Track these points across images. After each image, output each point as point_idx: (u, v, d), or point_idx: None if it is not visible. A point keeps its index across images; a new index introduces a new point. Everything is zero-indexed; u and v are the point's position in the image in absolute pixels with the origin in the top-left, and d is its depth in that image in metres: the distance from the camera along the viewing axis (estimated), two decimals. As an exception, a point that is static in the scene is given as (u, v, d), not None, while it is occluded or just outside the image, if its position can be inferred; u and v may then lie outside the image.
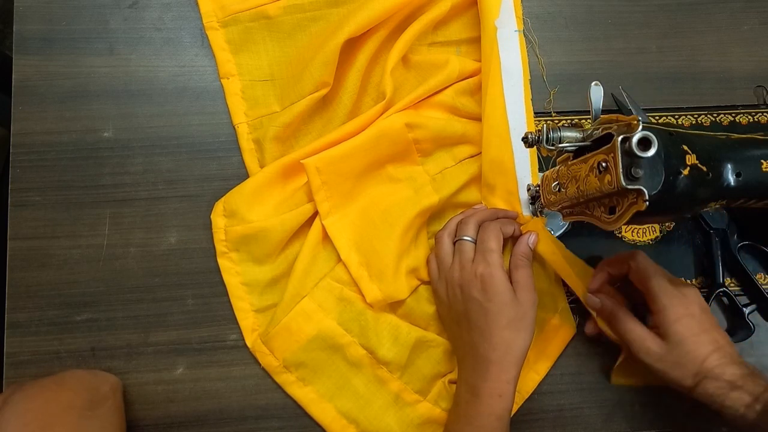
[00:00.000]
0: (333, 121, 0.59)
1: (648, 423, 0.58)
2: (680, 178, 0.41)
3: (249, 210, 0.56)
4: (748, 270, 0.59)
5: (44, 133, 0.59)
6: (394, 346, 0.56)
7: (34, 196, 0.58)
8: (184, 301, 0.58)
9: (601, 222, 0.45)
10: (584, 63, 0.63)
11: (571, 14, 0.64)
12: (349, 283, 0.57)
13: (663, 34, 0.65)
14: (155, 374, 0.56)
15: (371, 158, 0.57)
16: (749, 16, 0.66)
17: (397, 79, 0.60)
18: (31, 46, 0.60)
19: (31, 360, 0.56)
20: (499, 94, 0.58)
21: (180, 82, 0.61)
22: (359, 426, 0.56)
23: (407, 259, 0.57)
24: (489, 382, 0.49)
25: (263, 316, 0.57)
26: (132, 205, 0.58)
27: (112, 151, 0.59)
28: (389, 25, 0.58)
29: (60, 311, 0.57)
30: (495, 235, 0.53)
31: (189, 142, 0.60)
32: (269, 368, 0.56)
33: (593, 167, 0.43)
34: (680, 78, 0.64)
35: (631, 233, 0.61)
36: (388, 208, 0.57)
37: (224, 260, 0.58)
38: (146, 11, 0.62)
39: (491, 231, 0.53)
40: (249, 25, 0.60)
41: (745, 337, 0.58)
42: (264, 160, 0.59)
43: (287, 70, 0.60)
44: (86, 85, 0.60)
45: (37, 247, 0.57)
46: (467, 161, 0.60)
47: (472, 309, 0.51)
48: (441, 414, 0.56)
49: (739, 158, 0.44)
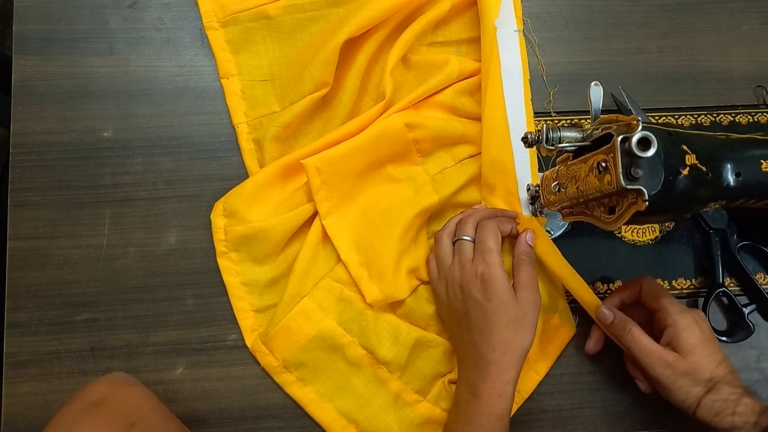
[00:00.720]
0: (333, 121, 0.59)
1: (648, 423, 0.58)
2: (680, 178, 0.41)
3: (249, 210, 0.56)
4: (748, 270, 0.59)
5: (44, 133, 0.59)
6: (394, 346, 0.56)
7: (34, 196, 0.58)
8: (184, 301, 0.58)
9: (600, 222, 0.45)
10: (584, 63, 0.63)
11: (571, 14, 0.64)
12: (349, 283, 0.57)
13: (663, 34, 0.65)
14: (155, 374, 0.56)
15: (371, 158, 0.57)
16: (749, 16, 0.66)
17: (397, 79, 0.60)
18: (31, 46, 0.60)
19: (31, 360, 0.56)
20: (499, 94, 0.58)
21: (180, 82, 0.61)
22: (359, 426, 0.56)
23: (407, 259, 0.57)
24: (488, 382, 0.49)
25: (263, 316, 0.57)
26: (132, 205, 0.58)
27: (112, 151, 0.59)
28: (389, 25, 0.58)
29: (60, 311, 0.57)
30: (493, 234, 0.53)
31: (189, 142, 0.60)
32: (269, 368, 0.56)
33: (593, 167, 0.43)
34: (680, 78, 0.64)
35: (631, 233, 0.61)
36: (388, 208, 0.57)
37: (224, 260, 0.58)
38: (146, 11, 0.62)
39: (489, 230, 0.53)
40: (249, 25, 0.60)
41: (745, 337, 0.58)
42: (264, 160, 0.59)
43: (287, 70, 0.60)
44: (86, 85, 0.60)
45: (37, 247, 0.57)
46: (467, 161, 0.60)
47: (472, 309, 0.51)
48: (441, 414, 0.56)
49: (738, 158, 0.44)
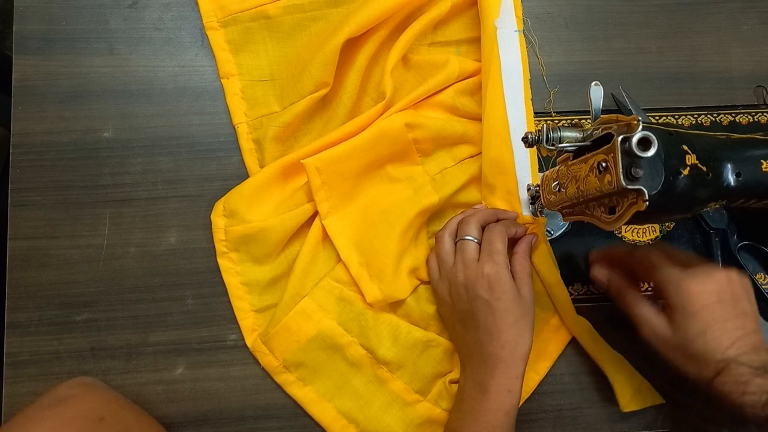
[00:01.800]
0: (333, 121, 0.59)
1: (648, 423, 0.58)
2: (680, 178, 0.41)
3: (249, 210, 0.56)
4: (748, 270, 0.59)
5: (44, 133, 0.59)
6: (394, 345, 0.56)
7: (34, 196, 0.58)
8: (184, 301, 0.58)
9: (601, 222, 0.45)
10: (584, 63, 0.63)
11: (571, 14, 0.64)
12: (349, 283, 0.57)
13: (663, 34, 0.65)
14: (155, 374, 0.56)
15: (371, 158, 0.57)
16: (749, 16, 0.65)
17: (397, 79, 0.60)
18: (31, 46, 0.60)
19: (31, 360, 0.56)
20: (499, 94, 0.58)
21: (180, 82, 0.61)
22: (359, 426, 0.56)
23: (407, 258, 0.57)
24: (497, 378, 0.50)
25: (263, 316, 0.57)
26: (132, 205, 0.58)
27: (111, 151, 0.59)
28: (389, 25, 0.58)
29: (60, 311, 0.57)
30: (501, 236, 0.53)
31: (189, 142, 0.60)
32: (269, 368, 0.56)
33: (593, 167, 0.43)
34: (680, 78, 0.64)
35: (631, 233, 0.61)
36: (388, 207, 0.57)
37: (224, 260, 0.58)
38: (146, 11, 0.62)
39: (498, 232, 0.54)
40: (249, 25, 0.60)
41: (745, 336, 0.58)
42: (264, 160, 0.59)
43: (287, 70, 0.60)
44: (86, 85, 0.60)
45: (37, 247, 0.57)
46: (467, 161, 0.60)
47: (479, 308, 0.51)
48: (441, 414, 0.56)
49: (739, 158, 0.44)
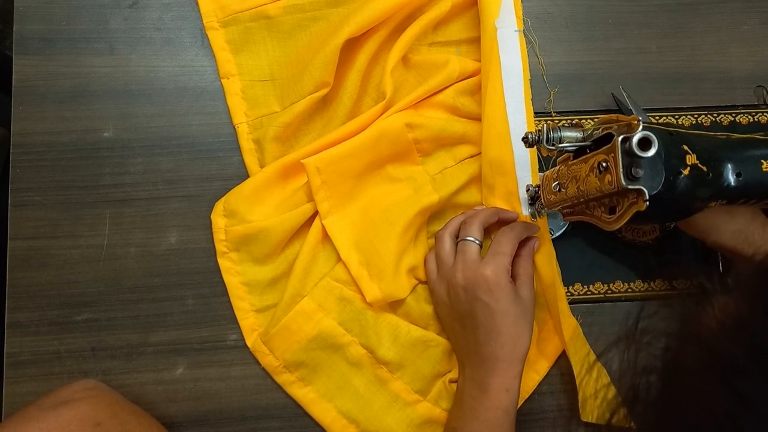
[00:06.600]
0: (333, 121, 0.59)
1: (648, 423, 0.58)
2: (680, 178, 0.41)
3: (249, 210, 0.56)
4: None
5: (44, 133, 0.59)
6: (394, 345, 0.56)
7: (34, 196, 0.58)
8: (184, 301, 0.57)
9: (601, 222, 0.45)
10: (584, 63, 0.63)
11: (571, 14, 0.64)
12: (349, 283, 0.57)
13: (663, 34, 0.65)
14: (155, 374, 0.56)
15: (371, 158, 0.57)
16: (749, 16, 0.65)
17: (397, 79, 0.60)
18: (31, 46, 0.60)
19: (31, 360, 0.56)
20: (499, 94, 0.58)
21: (180, 82, 0.61)
22: (359, 426, 0.56)
23: (407, 258, 0.57)
24: (497, 377, 0.50)
25: (263, 316, 0.57)
26: (132, 205, 0.58)
27: (112, 151, 0.59)
28: (389, 25, 0.58)
29: (60, 311, 0.56)
30: (513, 240, 0.53)
31: (189, 142, 0.60)
32: (269, 368, 0.56)
33: (593, 167, 0.43)
34: (680, 78, 0.64)
35: (631, 233, 0.61)
36: (388, 207, 0.57)
37: (224, 260, 0.57)
38: (146, 11, 0.62)
39: (511, 236, 0.53)
40: (249, 25, 0.60)
41: (745, 336, 0.58)
42: (264, 160, 0.59)
43: (287, 70, 0.60)
44: (86, 85, 0.60)
45: (37, 247, 0.57)
46: (467, 161, 0.60)
47: (479, 309, 0.51)
48: (441, 414, 0.56)
49: (739, 158, 0.44)
